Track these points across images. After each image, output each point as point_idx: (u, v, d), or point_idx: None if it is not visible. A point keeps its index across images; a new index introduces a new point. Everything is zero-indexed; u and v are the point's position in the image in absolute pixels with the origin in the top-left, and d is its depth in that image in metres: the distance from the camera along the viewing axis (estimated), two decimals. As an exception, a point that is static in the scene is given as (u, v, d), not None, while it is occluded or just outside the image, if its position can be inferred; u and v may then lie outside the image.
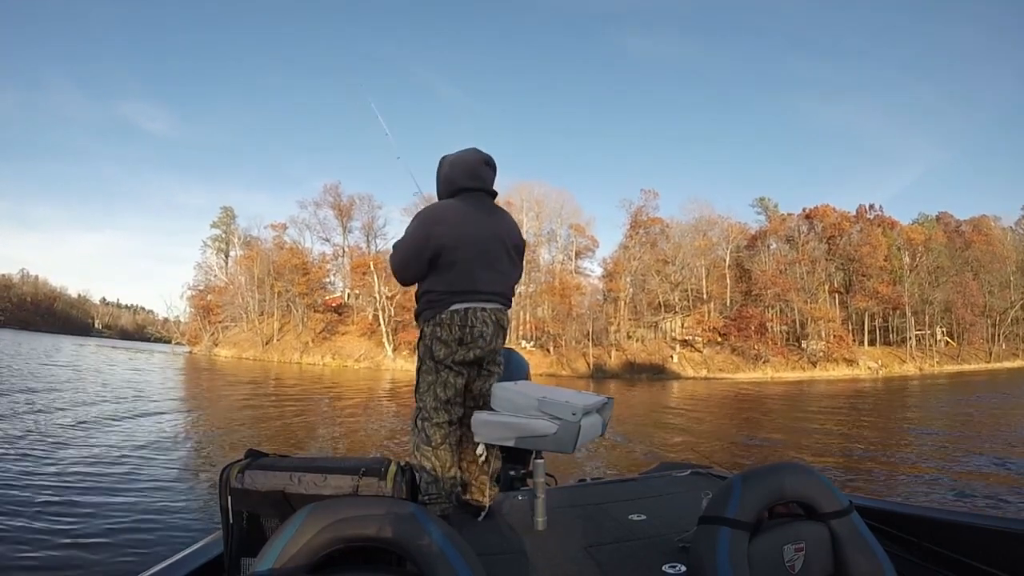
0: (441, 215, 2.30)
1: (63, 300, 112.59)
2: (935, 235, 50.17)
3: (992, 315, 47.35)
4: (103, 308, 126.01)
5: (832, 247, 49.05)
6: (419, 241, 2.27)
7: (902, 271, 48.02)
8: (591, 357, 43.94)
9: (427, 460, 2.23)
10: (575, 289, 48.92)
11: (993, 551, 1.56)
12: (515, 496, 2.49)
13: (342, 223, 54.67)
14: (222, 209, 62.85)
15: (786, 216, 52.41)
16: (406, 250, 2.31)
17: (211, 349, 51.66)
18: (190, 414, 13.21)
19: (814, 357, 44.06)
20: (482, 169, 2.40)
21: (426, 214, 2.32)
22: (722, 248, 50.25)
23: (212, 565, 1.70)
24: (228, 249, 60.91)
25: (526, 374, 2.83)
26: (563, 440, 1.97)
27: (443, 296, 2.27)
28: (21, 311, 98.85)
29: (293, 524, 1.11)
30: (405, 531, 1.11)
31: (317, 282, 53.24)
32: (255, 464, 1.76)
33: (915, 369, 43.97)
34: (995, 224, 51.96)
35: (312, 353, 48.01)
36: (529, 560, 1.77)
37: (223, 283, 57.02)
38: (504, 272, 2.39)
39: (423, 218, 2.31)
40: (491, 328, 2.30)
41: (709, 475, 2.74)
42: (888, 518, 1.84)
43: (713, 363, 44.04)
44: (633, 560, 1.73)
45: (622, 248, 50.71)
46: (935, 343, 46.86)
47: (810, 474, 1.45)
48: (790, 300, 45.92)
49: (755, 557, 1.31)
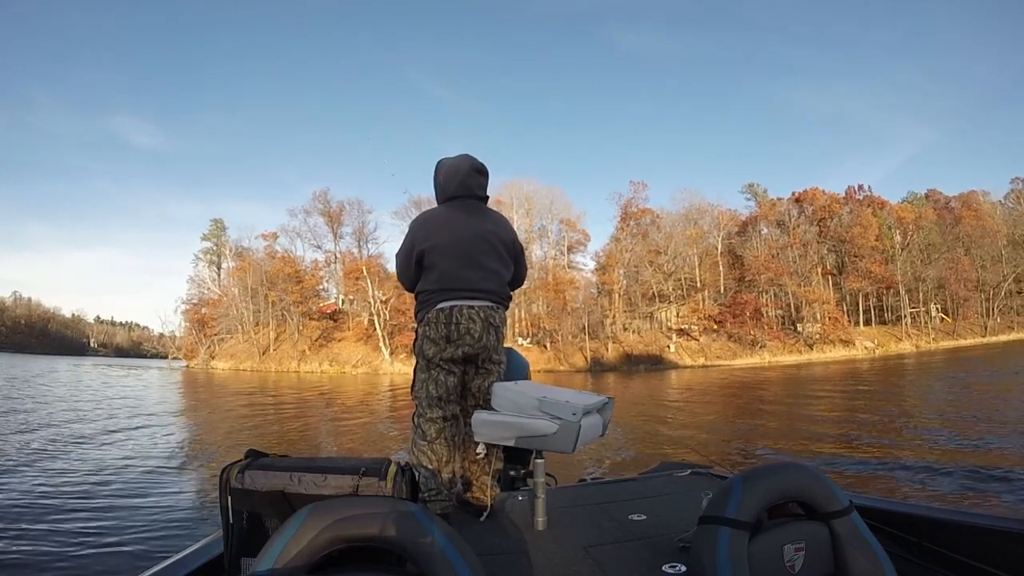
0: (424, 221, 2.46)
1: (57, 321, 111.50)
2: (925, 213, 50.41)
3: (985, 290, 47.62)
4: (98, 326, 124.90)
5: (823, 229, 49.23)
6: (407, 247, 2.44)
7: (894, 250, 48.27)
8: (588, 351, 43.98)
9: (423, 455, 2.28)
10: (569, 284, 48.79)
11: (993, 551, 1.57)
12: (515, 496, 2.50)
13: (333, 229, 54.35)
14: (212, 221, 62.68)
15: (776, 201, 52.50)
16: (401, 257, 2.48)
17: (208, 362, 51.37)
18: (188, 426, 13.18)
19: (810, 340, 44.22)
20: (471, 177, 2.47)
21: (414, 222, 2.49)
22: (714, 236, 50.30)
23: (212, 565, 1.70)
24: (220, 261, 60.66)
25: (526, 373, 2.84)
26: (563, 440, 1.97)
27: (431, 296, 2.35)
28: (15, 334, 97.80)
29: (293, 524, 1.11)
30: (405, 531, 1.11)
31: (311, 290, 52.91)
32: (255, 464, 1.76)
33: (911, 347, 44.22)
34: (984, 199, 52.14)
35: (309, 361, 47.80)
36: (529, 560, 1.78)
37: (217, 296, 56.67)
38: (493, 270, 2.41)
39: (411, 226, 2.49)
40: (479, 325, 2.32)
41: (709, 475, 2.75)
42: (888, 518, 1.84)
43: (710, 351, 44.16)
44: (633, 560, 1.74)
45: (614, 241, 50.77)
46: (930, 320, 47.06)
47: (810, 474, 1.46)
48: (784, 284, 46.06)
49: (755, 557, 1.32)
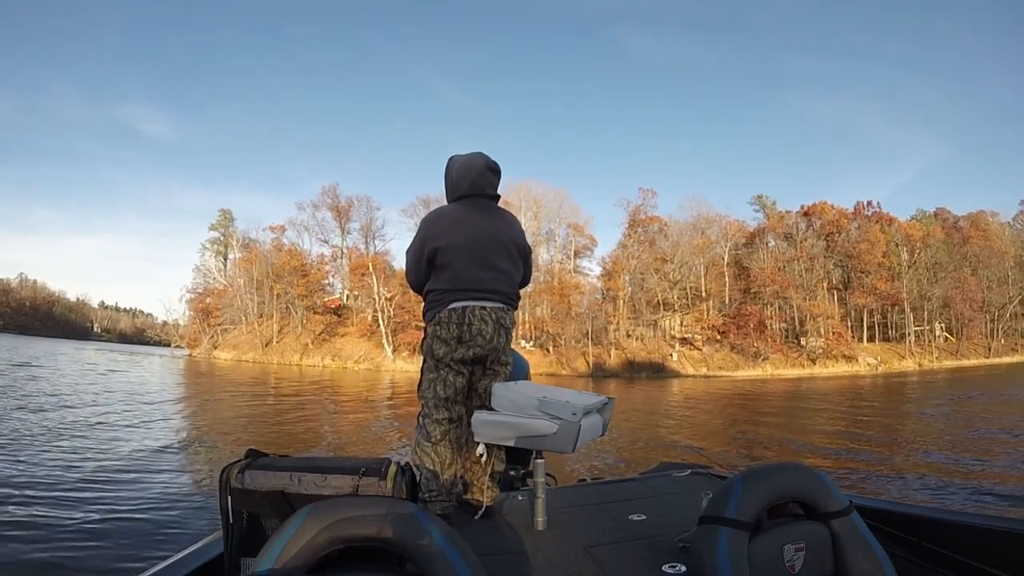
0: (436, 219, 2.40)
1: (62, 304, 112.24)
2: (933, 231, 50.16)
3: (991, 310, 47.30)
4: (102, 312, 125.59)
5: (830, 244, 49.08)
6: (418, 245, 2.38)
7: (900, 267, 48.01)
8: (591, 356, 43.89)
9: (427, 456, 2.25)
10: (574, 288, 48.83)
11: (993, 551, 1.57)
12: (515, 496, 2.49)
13: (340, 224, 54.61)
14: (220, 212, 63.00)
15: (784, 213, 52.40)
16: (411, 255, 2.43)
17: (210, 352, 51.52)
18: (189, 416, 13.20)
19: (813, 354, 44.02)
20: (484, 176, 2.44)
21: (425, 219, 2.44)
22: (720, 246, 50.23)
23: (212, 565, 1.70)
24: (227, 252, 60.93)
25: (526, 374, 2.84)
26: (563, 440, 1.97)
27: (443, 295, 2.32)
28: (19, 316, 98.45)
29: (293, 524, 1.11)
30: (405, 531, 1.11)
31: (316, 284, 53.04)
32: (255, 464, 1.76)
33: (914, 365, 43.97)
34: (993, 219, 51.89)
35: (312, 355, 47.89)
36: (529, 560, 1.78)
37: (222, 286, 56.91)
38: (505, 271, 2.40)
39: (422, 223, 2.43)
40: (490, 326, 2.31)
41: (709, 475, 2.74)
42: (888, 518, 1.84)
43: (713, 361, 44.00)
44: (633, 560, 1.73)
45: (620, 247, 50.76)
46: (934, 339, 46.83)
47: (810, 474, 1.45)
48: (789, 297, 45.92)
49: (755, 557, 1.31)
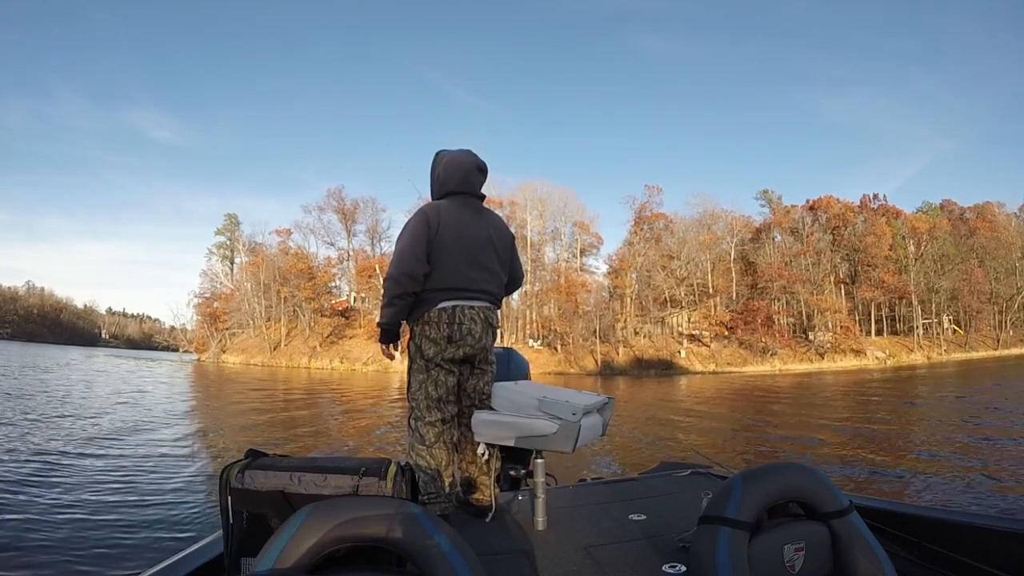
0: (435, 214, 2.31)
1: (69, 311, 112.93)
2: (940, 223, 49.78)
3: (999, 302, 46.93)
4: (109, 318, 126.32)
5: (837, 238, 48.82)
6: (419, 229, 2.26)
7: (907, 260, 47.69)
8: (599, 354, 43.84)
9: (422, 459, 2.24)
10: (581, 287, 48.74)
11: (993, 551, 1.57)
12: (515, 496, 2.49)
13: (346, 227, 54.80)
14: (226, 216, 63.56)
15: (790, 208, 52.19)
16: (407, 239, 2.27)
17: (219, 356, 51.84)
18: (198, 420, 13.28)
19: (822, 348, 43.74)
20: (473, 175, 2.44)
21: (424, 211, 2.34)
22: (727, 242, 50.05)
23: (212, 565, 1.71)
24: (233, 256, 61.36)
25: (526, 373, 2.84)
26: (563, 440, 1.98)
27: (432, 294, 2.28)
28: (28, 323, 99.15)
29: (293, 524, 1.11)
30: (406, 531, 1.11)
31: (323, 286, 53.20)
32: (255, 464, 1.76)
33: (923, 358, 43.62)
34: (999, 210, 51.50)
35: (320, 357, 48.06)
36: (529, 560, 1.78)
37: (229, 290, 57.24)
38: (493, 272, 2.41)
39: (422, 214, 2.32)
40: (480, 326, 2.31)
41: (709, 475, 2.74)
42: (888, 518, 1.84)
43: (721, 357, 43.83)
44: (633, 560, 1.74)
45: (627, 244, 50.67)
46: (942, 331, 46.41)
47: (810, 474, 1.45)
48: (796, 292, 45.65)
49: (755, 557, 1.32)
